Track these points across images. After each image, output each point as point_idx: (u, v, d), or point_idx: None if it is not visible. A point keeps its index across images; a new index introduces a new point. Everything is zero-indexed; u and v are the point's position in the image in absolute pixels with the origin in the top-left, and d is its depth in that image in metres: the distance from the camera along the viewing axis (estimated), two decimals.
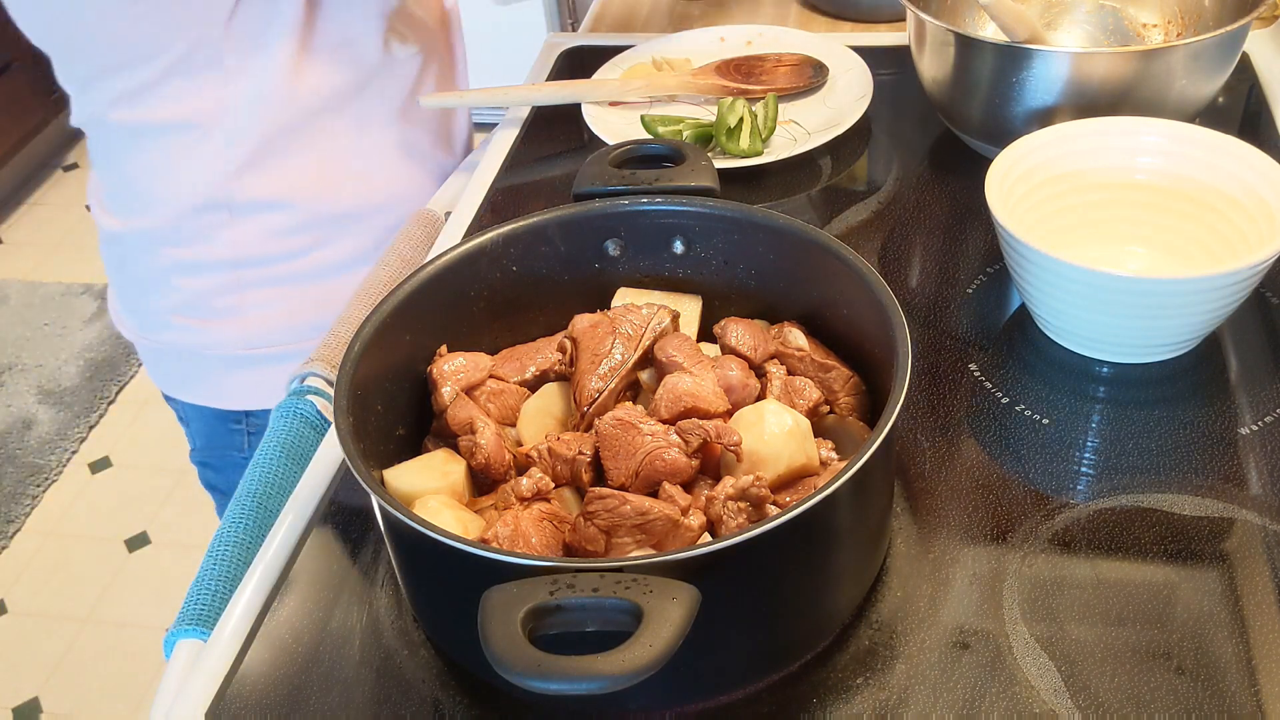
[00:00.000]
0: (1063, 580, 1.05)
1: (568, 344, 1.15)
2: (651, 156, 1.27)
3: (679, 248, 1.20)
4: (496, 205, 1.61)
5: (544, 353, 1.18)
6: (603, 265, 1.22)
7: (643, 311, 1.14)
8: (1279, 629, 0.99)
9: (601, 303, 1.21)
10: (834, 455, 1.06)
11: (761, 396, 1.09)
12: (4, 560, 3.29)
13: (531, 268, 1.20)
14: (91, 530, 3.36)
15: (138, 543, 3.29)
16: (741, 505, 0.97)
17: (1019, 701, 0.95)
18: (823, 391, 1.11)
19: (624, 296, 1.21)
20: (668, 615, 0.78)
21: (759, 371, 1.12)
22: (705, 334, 1.20)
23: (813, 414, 1.09)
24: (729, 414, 1.06)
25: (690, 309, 1.21)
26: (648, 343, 1.12)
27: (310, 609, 1.09)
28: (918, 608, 1.03)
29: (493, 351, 1.19)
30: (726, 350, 1.14)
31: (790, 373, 1.12)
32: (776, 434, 1.01)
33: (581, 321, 1.14)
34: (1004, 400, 1.23)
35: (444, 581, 0.98)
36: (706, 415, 1.04)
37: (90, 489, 3.49)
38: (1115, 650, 0.98)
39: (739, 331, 1.14)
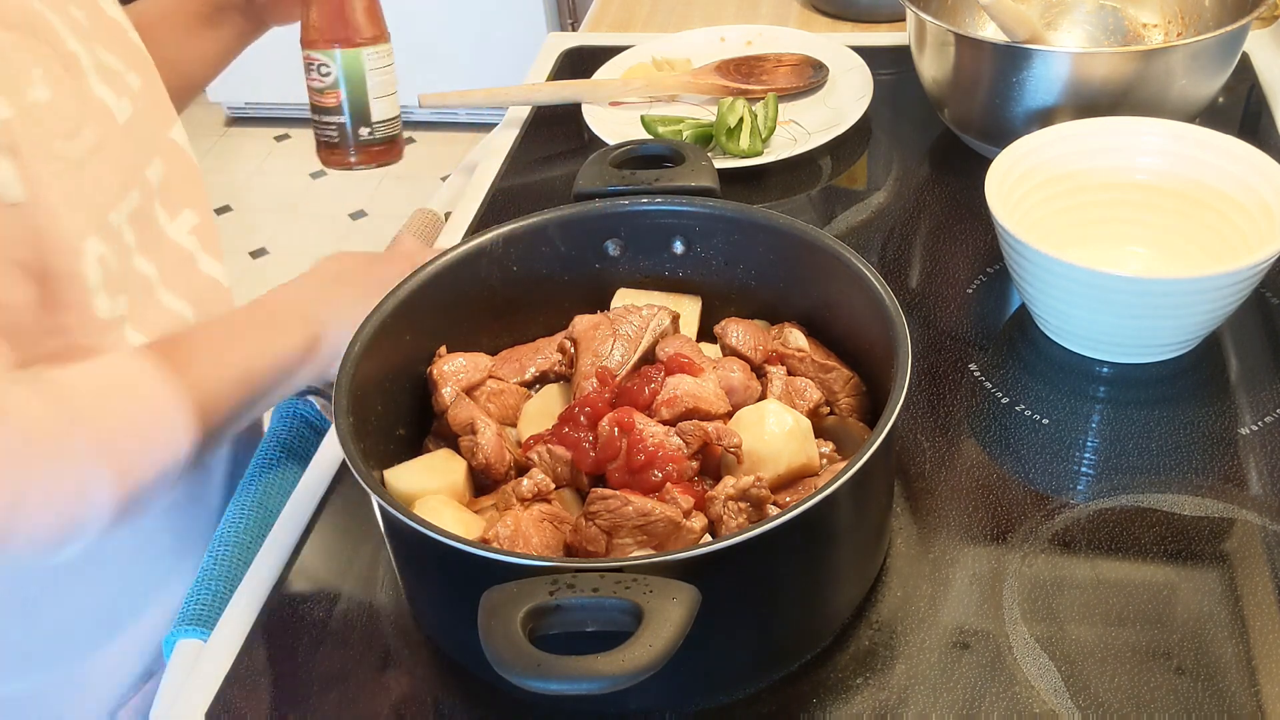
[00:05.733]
0: (1063, 580, 1.05)
1: (568, 345, 1.15)
2: (651, 156, 1.26)
3: (679, 248, 1.20)
4: (497, 205, 1.61)
5: (544, 353, 1.18)
6: (603, 265, 1.22)
7: (643, 312, 1.14)
8: (1278, 628, 0.99)
9: (601, 303, 1.21)
10: (835, 456, 1.06)
11: (762, 397, 1.09)
12: None
13: (531, 268, 1.20)
14: None
15: None
16: (742, 506, 0.97)
17: (1019, 701, 0.95)
18: (823, 392, 1.11)
19: (624, 297, 1.21)
20: (668, 615, 0.78)
21: (759, 372, 1.12)
22: (705, 334, 1.20)
23: (813, 414, 1.09)
24: (729, 415, 1.06)
25: (690, 309, 1.21)
26: (648, 344, 1.12)
27: (310, 609, 1.09)
28: (918, 608, 1.03)
29: (492, 352, 1.19)
30: (727, 350, 1.14)
31: (790, 373, 1.12)
32: (777, 434, 1.01)
33: (582, 322, 1.14)
34: (1004, 400, 1.23)
35: (444, 581, 0.98)
36: (708, 416, 1.04)
37: None
38: (1115, 650, 0.98)
39: (739, 332, 1.13)
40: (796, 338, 1.14)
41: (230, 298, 1.36)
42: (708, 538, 0.97)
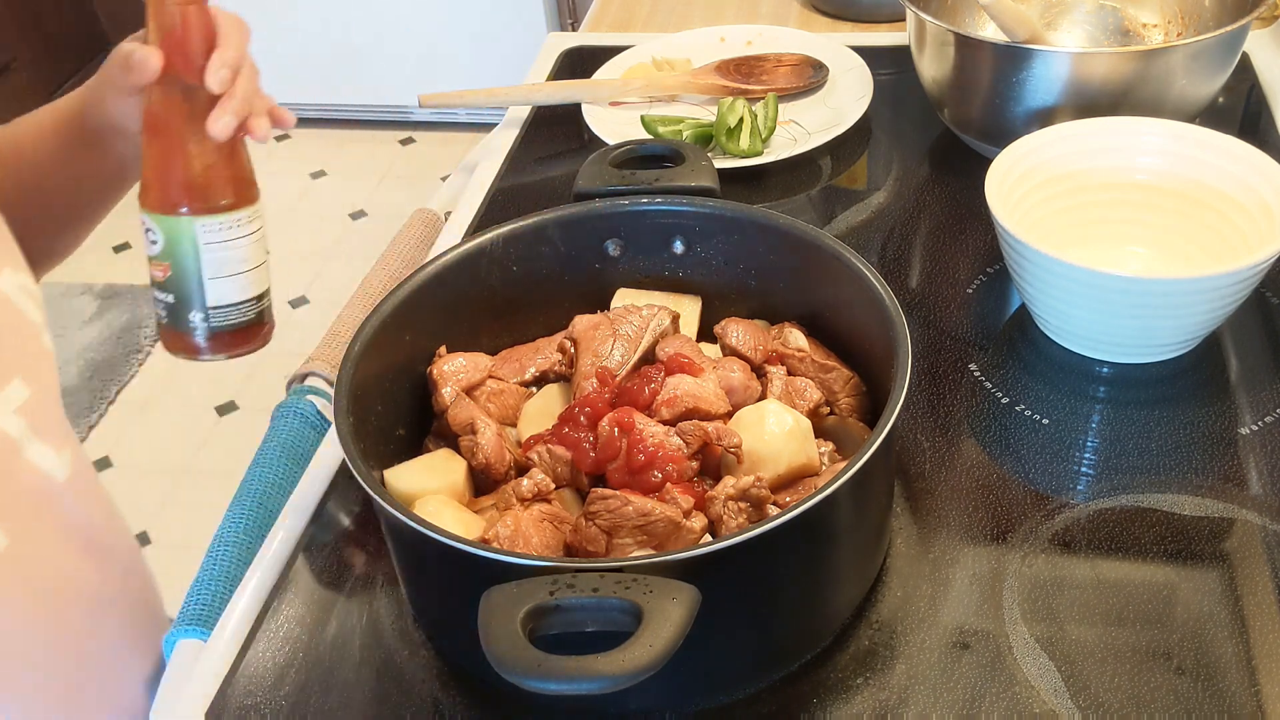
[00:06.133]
0: (1063, 580, 1.04)
1: (568, 345, 1.15)
2: (652, 156, 1.26)
3: (679, 248, 1.20)
4: (496, 205, 1.61)
5: (544, 353, 1.18)
6: (603, 265, 1.22)
7: (643, 312, 1.14)
8: (1279, 628, 0.99)
9: (601, 303, 1.21)
10: (835, 456, 1.06)
11: (762, 397, 1.09)
12: None
13: (532, 268, 1.20)
14: None
15: (139, 542, 3.28)
16: (742, 506, 0.97)
17: (1019, 702, 0.95)
18: (823, 392, 1.11)
19: (624, 297, 1.21)
20: (668, 615, 0.78)
21: (759, 372, 1.12)
22: (706, 334, 1.20)
23: (813, 414, 1.09)
24: (730, 415, 1.05)
25: (690, 309, 1.21)
26: (648, 344, 1.12)
27: (310, 609, 1.09)
28: (918, 608, 1.03)
29: (492, 352, 1.19)
30: (727, 350, 1.14)
31: (791, 373, 1.12)
32: (777, 434, 1.01)
33: (582, 322, 1.14)
34: (1004, 400, 1.23)
35: (444, 582, 0.98)
36: (708, 416, 1.04)
37: None
38: (1115, 650, 0.98)
39: (739, 332, 1.13)
40: (796, 338, 1.14)
41: (62, 498, 1.12)
42: (708, 538, 0.97)
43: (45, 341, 1.10)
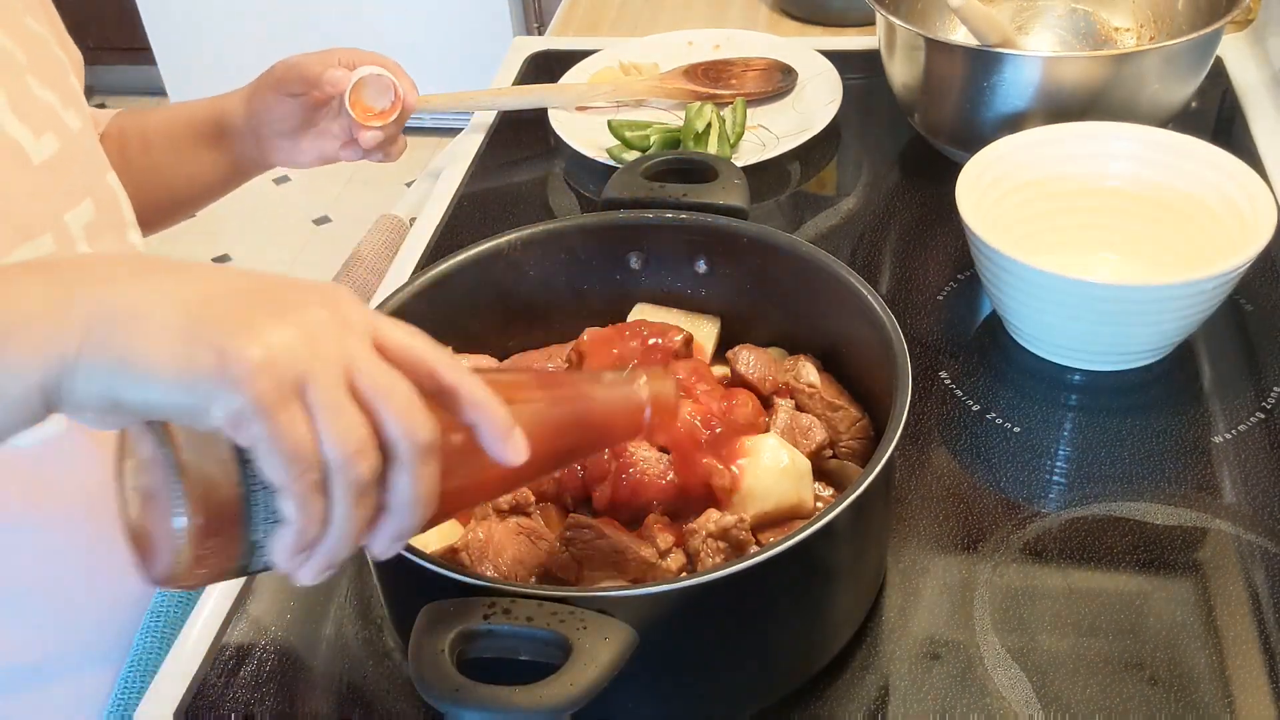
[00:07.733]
0: (1034, 590, 1.03)
1: (575, 358, 1.13)
2: (686, 170, 1.23)
3: (702, 266, 1.17)
4: (462, 211, 1.60)
5: (555, 360, 1.16)
6: (624, 277, 1.19)
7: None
8: (1252, 639, 0.98)
9: (620, 315, 1.19)
10: (831, 500, 1.02)
11: (765, 430, 1.07)
12: None
13: (550, 273, 1.18)
14: None
15: None
16: (720, 545, 0.95)
17: (990, 713, 0.94)
18: (829, 432, 1.07)
19: (641, 312, 1.19)
20: (595, 654, 0.76)
21: (766, 403, 1.09)
22: (722, 358, 1.17)
23: (817, 455, 1.05)
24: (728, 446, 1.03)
25: (708, 330, 1.18)
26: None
27: (279, 611, 1.07)
28: (887, 618, 1.02)
29: (502, 355, 1.17)
30: (736, 378, 1.11)
31: (799, 408, 1.09)
32: (770, 469, 0.99)
33: (591, 335, 1.12)
34: (975, 408, 1.22)
35: (393, 588, 0.98)
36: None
37: None
38: (1087, 660, 0.97)
39: (750, 359, 1.10)
40: (809, 372, 1.10)
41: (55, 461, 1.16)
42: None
43: (137, 230, 1.26)
